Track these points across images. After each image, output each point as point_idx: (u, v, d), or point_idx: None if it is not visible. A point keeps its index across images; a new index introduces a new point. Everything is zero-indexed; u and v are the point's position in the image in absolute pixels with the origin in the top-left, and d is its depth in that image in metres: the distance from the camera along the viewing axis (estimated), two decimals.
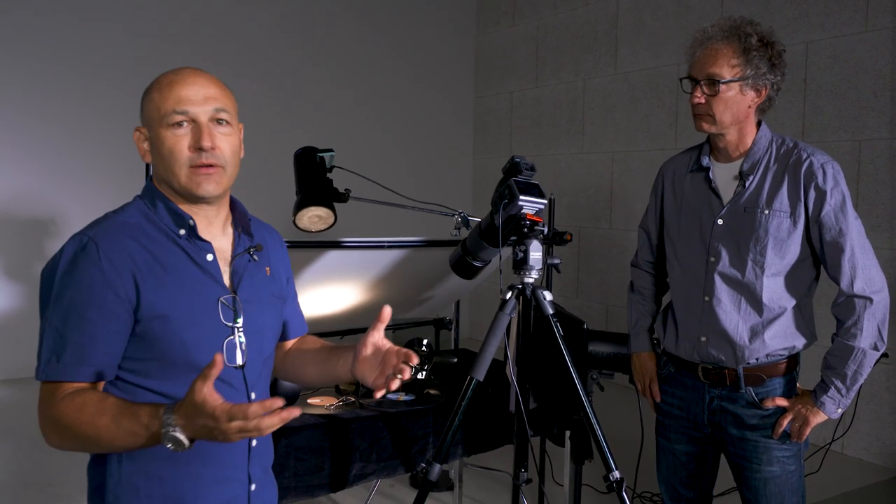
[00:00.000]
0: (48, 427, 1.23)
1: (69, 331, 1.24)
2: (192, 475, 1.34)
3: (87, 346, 1.24)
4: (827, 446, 3.31)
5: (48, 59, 5.36)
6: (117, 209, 1.37)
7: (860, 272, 1.85)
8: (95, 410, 1.19)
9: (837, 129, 4.34)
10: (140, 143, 1.37)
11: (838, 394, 1.88)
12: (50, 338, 1.24)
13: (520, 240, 2.00)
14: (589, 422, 2.05)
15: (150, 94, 1.35)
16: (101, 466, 1.33)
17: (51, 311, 1.25)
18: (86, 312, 1.24)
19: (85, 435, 1.19)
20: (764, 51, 1.86)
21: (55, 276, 1.26)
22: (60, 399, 1.21)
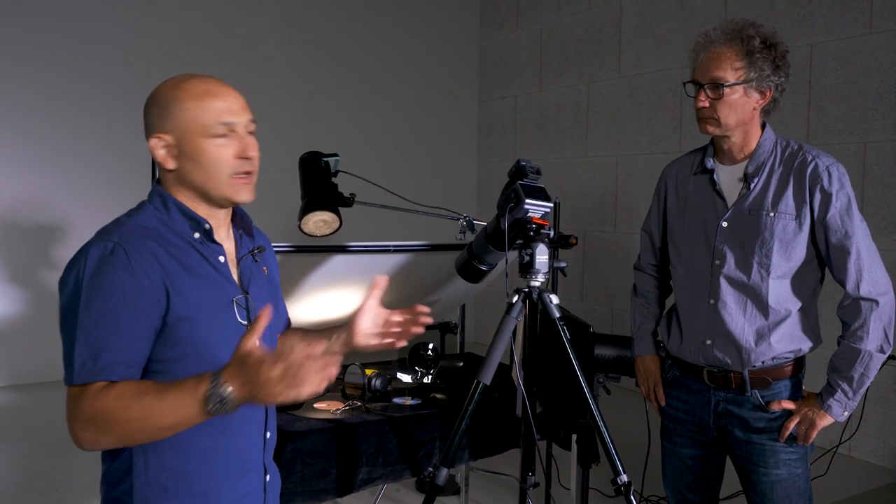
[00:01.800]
0: (84, 426, 1.23)
1: (103, 334, 1.25)
2: (216, 470, 1.37)
3: (122, 348, 1.26)
4: (834, 449, 3.30)
5: (52, 63, 5.38)
6: (129, 213, 1.39)
7: (866, 274, 1.84)
8: (135, 393, 1.21)
9: (843, 131, 4.33)
10: (158, 150, 1.36)
11: (845, 397, 1.88)
12: (83, 342, 1.25)
13: (526, 243, 2.00)
14: (596, 425, 2.04)
15: (182, 102, 1.34)
16: (123, 472, 1.34)
17: (81, 315, 1.25)
18: (119, 315, 1.25)
19: (128, 419, 1.20)
20: (767, 52, 1.85)
21: (82, 282, 1.26)
22: (95, 394, 1.23)
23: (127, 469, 1.33)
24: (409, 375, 2.81)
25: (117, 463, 1.34)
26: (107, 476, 1.36)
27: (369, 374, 2.61)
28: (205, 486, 1.36)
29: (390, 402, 2.58)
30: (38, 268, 5.47)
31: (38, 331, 5.41)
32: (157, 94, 1.37)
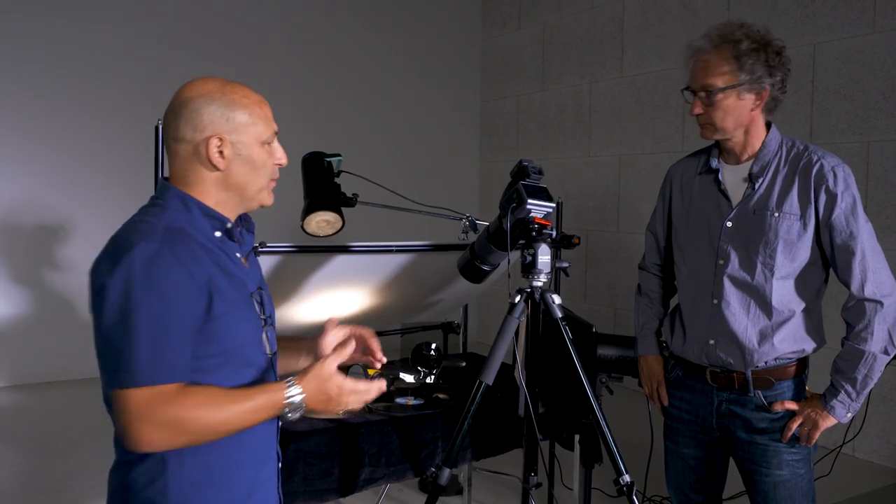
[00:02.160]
0: (157, 429, 1.25)
1: (163, 335, 1.26)
2: (244, 460, 1.42)
3: (182, 349, 1.29)
4: (837, 449, 3.29)
5: (53, 63, 5.39)
6: (153, 214, 1.37)
7: (871, 276, 1.84)
8: (215, 399, 1.29)
9: (846, 130, 4.33)
10: (215, 149, 1.37)
11: (848, 398, 1.87)
12: (145, 344, 1.25)
13: (528, 243, 1.99)
14: (599, 425, 2.04)
15: (244, 107, 1.39)
16: (157, 472, 1.34)
17: (138, 317, 1.25)
18: (176, 316, 1.28)
19: (210, 424, 1.28)
20: (758, 54, 1.84)
21: (133, 283, 1.25)
22: (172, 398, 1.26)
23: (161, 469, 1.33)
24: (412, 375, 2.80)
25: (149, 464, 1.34)
26: (135, 477, 1.35)
27: (372, 374, 2.61)
28: (232, 477, 1.40)
29: (393, 401, 2.58)
30: (40, 268, 5.48)
31: (40, 331, 5.42)
32: (211, 96, 1.37)
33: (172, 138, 1.38)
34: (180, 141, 1.37)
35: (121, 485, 1.37)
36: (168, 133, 1.39)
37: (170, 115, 1.39)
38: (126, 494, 1.36)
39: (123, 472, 1.36)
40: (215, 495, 1.38)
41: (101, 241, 1.45)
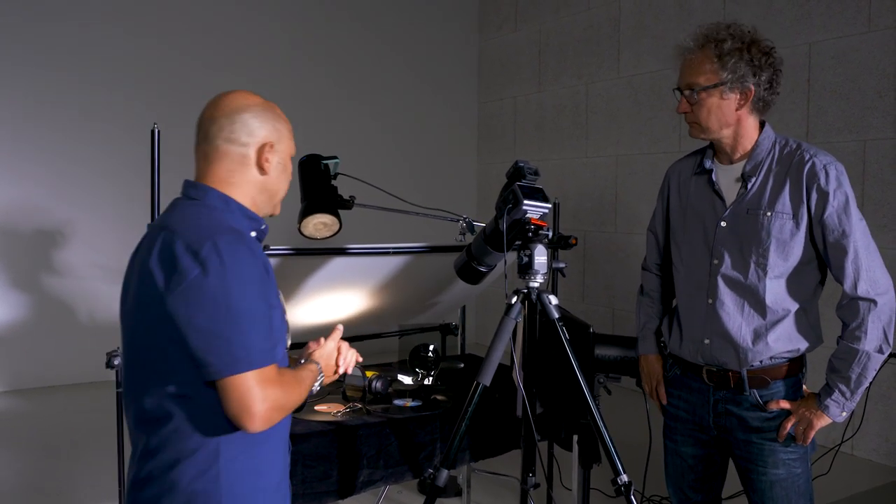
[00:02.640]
0: (272, 407, 1.36)
1: (259, 321, 1.37)
2: (278, 446, 1.53)
3: (269, 331, 1.40)
4: (836, 448, 3.30)
5: (51, 67, 5.39)
6: (205, 213, 1.44)
7: (864, 274, 1.84)
8: (293, 379, 1.47)
9: (842, 129, 4.33)
10: (267, 155, 1.50)
11: (842, 397, 1.87)
12: (248, 330, 1.34)
13: (524, 244, 2.00)
14: (596, 426, 2.04)
15: (283, 123, 1.55)
16: (209, 462, 1.40)
17: (237, 308, 1.33)
18: (263, 302, 1.39)
19: (296, 401, 1.45)
20: (741, 53, 1.85)
21: (224, 278, 1.33)
22: (275, 378, 1.38)
23: (214, 458, 1.40)
24: (410, 377, 2.80)
25: (201, 455, 1.39)
26: (184, 471, 1.39)
27: (370, 376, 2.62)
28: (271, 461, 1.50)
29: (391, 403, 2.58)
30: (40, 273, 5.47)
31: (40, 336, 5.42)
32: (262, 107, 1.51)
33: (224, 140, 1.47)
34: (234, 143, 1.47)
35: (165, 484, 1.39)
36: (217, 135, 1.47)
37: (222, 119, 1.47)
38: (172, 490, 1.39)
39: (167, 471, 1.39)
40: (258, 480, 1.46)
41: (99, 244, 1.46)
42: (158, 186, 2.30)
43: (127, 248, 1.55)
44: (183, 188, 1.51)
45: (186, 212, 1.44)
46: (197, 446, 1.39)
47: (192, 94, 5.80)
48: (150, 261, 1.36)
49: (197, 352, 1.33)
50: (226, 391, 1.33)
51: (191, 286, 1.31)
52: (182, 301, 1.32)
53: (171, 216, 1.44)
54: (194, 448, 1.39)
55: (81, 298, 5.58)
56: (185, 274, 1.32)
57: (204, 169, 1.49)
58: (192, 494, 1.38)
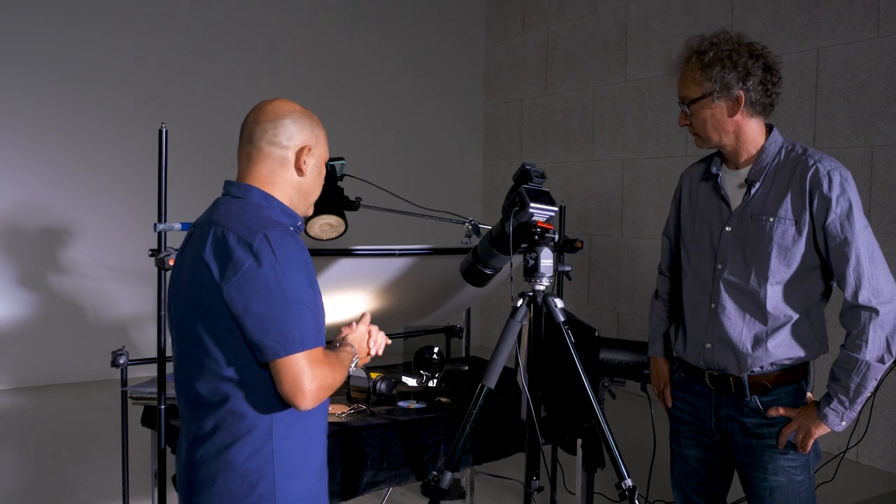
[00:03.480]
0: (321, 386, 1.47)
1: (308, 306, 1.48)
2: (321, 427, 1.63)
3: (316, 316, 1.51)
4: (841, 455, 3.29)
5: (57, 66, 5.41)
6: (249, 209, 1.53)
7: (866, 282, 1.82)
8: (336, 360, 1.57)
9: (849, 135, 4.32)
10: (304, 158, 1.60)
11: (841, 406, 1.86)
12: (298, 314, 1.45)
13: (530, 247, 2.00)
14: (601, 430, 2.04)
15: (321, 130, 1.66)
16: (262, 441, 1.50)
17: (288, 294, 1.44)
18: (310, 289, 1.50)
19: (340, 380, 1.54)
20: (723, 62, 1.87)
21: (275, 266, 1.44)
22: (322, 359, 1.49)
23: (267, 437, 1.50)
24: (415, 379, 2.81)
25: (255, 435, 1.50)
26: (238, 451, 1.49)
27: (374, 378, 2.62)
28: (319, 441, 1.62)
29: (395, 405, 2.58)
30: (45, 271, 5.49)
31: (44, 334, 5.44)
32: (301, 114, 1.62)
33: (268, 142, 1.59)
34: (275, 145, 1.59)
35: (221, 463, 1.50)
36: (261, 137, 1.59)
37: (266, 123, 1.59)
38: (227, 468, 1.49)
39: (223, 451, 1.49)
40: (305, 459, 1.57)
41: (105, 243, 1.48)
42: (166, 185, 2.31)
43: (133, 247, 1.58)
44: (225, 187, 1.62)
45: (232, 208, 1.54)
46: (251, 426, 1.49)
47: (200, 95, 5.85)
48: (204, 254, 1.47)
49: (254, 336, 1.43)
50: (280, 371, 1.44)
51: (245, 275, 1.43)
52: (238, 290, 1.43)
53: (218, 212, 1.54)
54: (249, 428, 1.49)
55: (87, 297, 5.59)
56: (239, 264, 1.43)
57: (246, 169, 1.60)
58: (247, 471, 1.49)
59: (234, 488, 1.49)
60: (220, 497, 1.49)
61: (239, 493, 1.49)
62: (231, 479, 1.49)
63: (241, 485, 1.49)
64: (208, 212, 1.59)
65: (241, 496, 1.49)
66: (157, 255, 2.28)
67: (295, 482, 1.53)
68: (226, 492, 1.49)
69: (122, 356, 2.49)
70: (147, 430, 2.58)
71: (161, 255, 2.27)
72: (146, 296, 5.35)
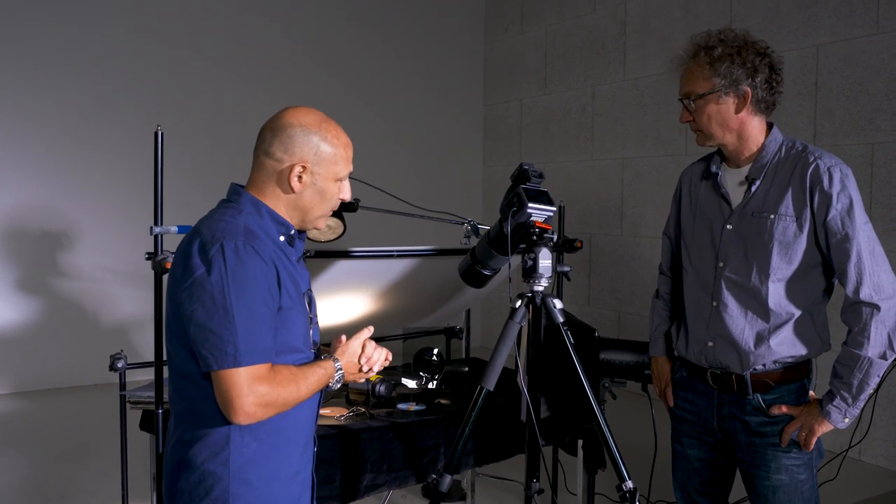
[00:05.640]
0: (258, 402, 1.42)
1: (257, 322, 1.44)
2: (292, 440, 1.59)
3: (268, 332, 1.47)
4: (844, 453, 3.27)
5: (55, 68, 5.40)
6: (230, 214, 1.51)
7: (867, 278, 1.81)
8: (293, 376, 1.50)
9: (849, 132, 4.31)
10: (296, 175, 1.55)
11: (844, 403, 1.85)
12: (243, 329, 1.42)
13: (529, 248, 1.99)
14: (601, 431, 2.03)
15: (332, 147, 1.58)
16: (221, 445, 1.49)
17: (235, 306, 1.41)
18: (264, 304, 1.46)
19: (294, 398, 1.49)
20: (732, 58, 1.86)
21: (225, 277, 1.41)
22: (266, 376, 1.44)
23: (224, 443, 1.49)
24: (414, 381, 2.79)
25: (213, 438, 1.49)
26: (197, 452, 1.49)
27: (374, 380, 2.60)
28: (284, 454, 1.57)
29: (395, 407, 2.57)
30: (45, 275, 5.48)
31: (44, 338, 5.43)
32: (309, 128, 1.57)
33: (263, 151, 1.56)
34: (270, 156, 1.55)
35: (182, 459, 1.51)
36: (261, 145, 1.57)
37: (268, 131, 1.57)
38: (188, 467, 1.50)
39: (185, 448, 1.50)
40: (268, 469, 1.54)
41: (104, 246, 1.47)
42: (162, 188, 2.30)
43: (132, 250, 1.59)
44: (228, 191, 1.61)
45: (217, 213, 1.53)
46: (209, 429, 1.49)
47: (198, 97, 5.84)
48: (176, 258, 1.49)
49: (194, 344, 1.43)
50: (215, 384, 1.43)
51: (195, 283, 1.42)
52: (187, 296, 1.42)
53: (207, 217, 1.54)
54: (207, 430, 1.49)
55: (86, 301, 5.58)
56: (192, 271, 1.42)
57: (251, 174, 1.59)
58: (203, 473, 1.49)
59: (192, 488, 1.50)
60: (182, 496, 1.51)
61: (196, 495, 1.49)
62: (190, 479, 1.50)
63: (197, 486, 1.49)
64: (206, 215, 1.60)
65: (197, 498, 1.49)
66: (154, 259, 2.27)
67: (254, 493, 1.51)
68: (185, 490, 1.50)
69: (120, 360, 2.48)
70: (146, 434, 2.57)
71: (158, 259, 2.26)
72: (145, 299, 5.33)
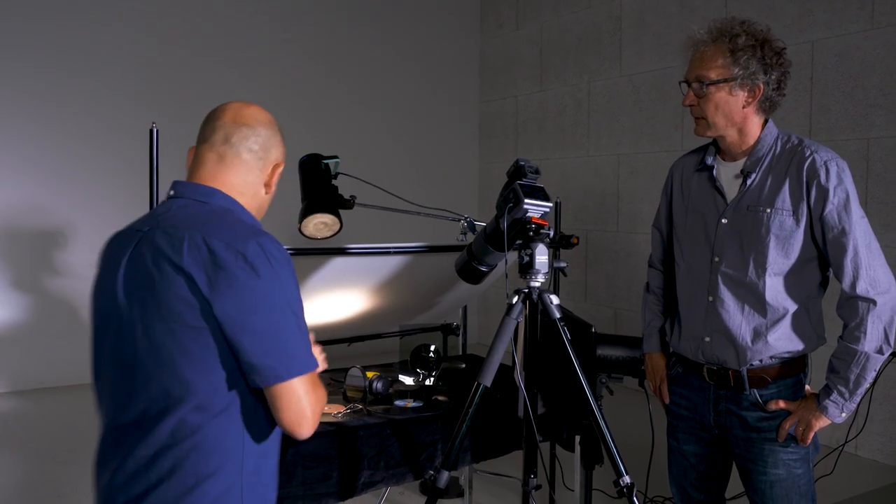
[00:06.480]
0: (319, 409, 1.36)
1: (304, 323, 1.36)
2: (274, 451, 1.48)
3: None
4: (840, 447, 3.28)
5: (50, 66, 5.38)
6: (213, 211, 1.40)
7: (863, 273, 1.81)
8: None
9: (845, 127, 4.31)
10: (276, 176, 1.52)
11: (841, 398, 1.85)
12: (303, 335, 1.35)
13: (525, 244, 1.98)
14: (598, 426, 2.03)
15: (282, 144, 1.53)
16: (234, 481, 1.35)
17: (294, 308, 1.34)
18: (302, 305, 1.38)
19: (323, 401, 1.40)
20: (754, 50, 1.84)
21: (288, 279, 1.34)
22: (319, 380, 1.38)
23: (237, 474, 1.36)
24: (411, 377, 2.79)
25: (227, 471, 1.34)
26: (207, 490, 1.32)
27: (370, 377, 2.60)
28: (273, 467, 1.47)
29: (392, 404, 2.57)
30: (41, 273, 5.47)
31: (41, 336, 5.41)
32: (275, 127, 1.52)
33: (247, 149, 1.47)
34: (255, 154, 1.48)
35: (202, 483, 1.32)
36: (240, 142, 1.46)
37: (246, 128, 1.46)
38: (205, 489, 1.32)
39: (186, 493, 1.31)
40: (273, 491, 1.46)
41: (100, 245, 1.45)
42: (157, 186, 2.29)
43: None
44: (176, 188, 1.45)
45: (197, 213, 1.38)
46: (219, 464, 1.32)
47: (194, 95, 5.81)
48: (180, 262, 1.29)
49: (251, 356, 1.28)
50: (280, 396, 1.31)
51: (245, 287, 1.28)
52: (233, 302, 1.27)
53: (179, 217, 1.37)
54: (217, 466, 1.32)
55: (82, 299, 5.53)
56: (234, 275, 1.27)
57: (215, 171, 1.44)
58: None
59: None
60: None
61: None
62: None
63: None
64: (157, 216, 1.40)
65: None
66: None
67: None
68: None
69: None
70: None
71: None
72: None
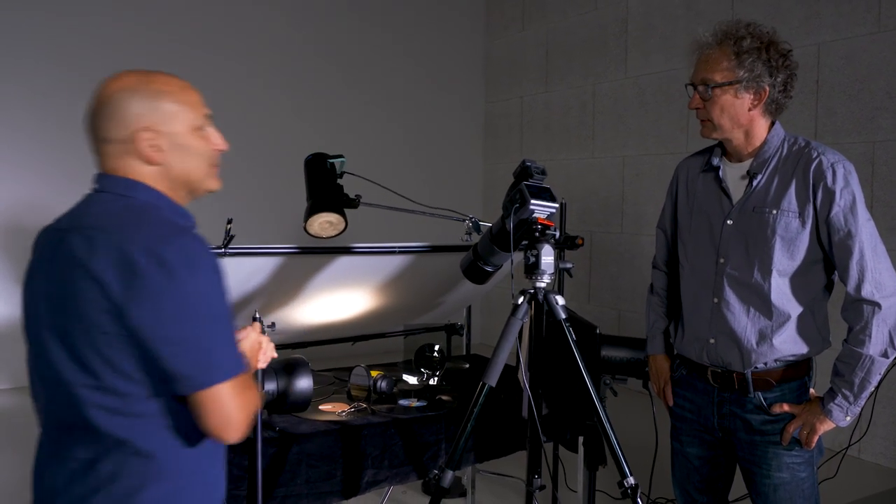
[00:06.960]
0: (248, 415, 1.28)
1: (230, 328, 1.28)
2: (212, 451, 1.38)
3: None
4: (843, 451, 3.27)
5: (53, 62, 5.39)
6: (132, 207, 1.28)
7: (868, 276, 1.80)
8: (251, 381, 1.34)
9: (851, 130, 4.31)
10: (147, 143, 1.29)
11: (845, 401, 1.84)
12: (226, 337, 1.27)
13: (531, 244, 1.98)
14: (602, 427, 2.03)
15: (171, 95, 1.32)
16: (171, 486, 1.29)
17: (218, 311, 1.25)
18: (228, 305, 1.29)
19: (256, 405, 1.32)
20: (759, 53, 1.83)
21: (214, 282, 1.24)
22: (248, 386, 1.30)
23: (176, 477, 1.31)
24: (415, 377, 2.80)
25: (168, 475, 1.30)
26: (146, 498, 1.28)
27: (375, 376, 2.61)
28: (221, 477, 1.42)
29: (396, 403, 2.57)
30: None
31: None
32: (133, 89, 1.29)
33: (100, 140, 1.30)
34: (108, 142, 1.29)
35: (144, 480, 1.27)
36: (96, 135, 1.30)
37: (94, 118, 1.30)
38: None
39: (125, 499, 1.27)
40: (215, 492, 1.40)
41: None
42: None
43: None
44: (99, 181, 1.34)
45: (115, 209, 1.28)
46: (159, 468, 1.27)
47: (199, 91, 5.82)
48: (94, 266, 1.21)
49: (170, 365, 1.20)
50: (204, 403, 1.22)
51: (159, 293, 1.18)
52: (149, 309, 1.18)
53: (98, 215, 1.28)
54: (157, 472, 1.27)
55: None
56: (149, 280, 1.18)
57: (106, 165, 1.32)
58: None
59: None
60: None
61: None
62: None
63: None
64: (77, 214, 1.33)
65: None
66: None
67: None
68: None
69: None
70: None
71: None
72: None
